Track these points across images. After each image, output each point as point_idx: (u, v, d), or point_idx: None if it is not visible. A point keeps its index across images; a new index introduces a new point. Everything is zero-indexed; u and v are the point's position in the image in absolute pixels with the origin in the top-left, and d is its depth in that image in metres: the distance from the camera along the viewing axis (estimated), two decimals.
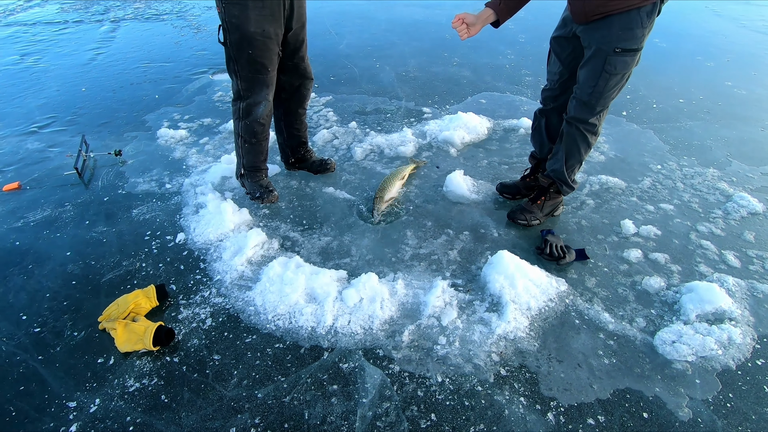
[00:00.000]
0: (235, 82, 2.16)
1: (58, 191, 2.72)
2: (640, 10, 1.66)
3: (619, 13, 1.68)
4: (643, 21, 1.69)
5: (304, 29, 2.22)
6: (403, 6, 7.01)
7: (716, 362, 1.62)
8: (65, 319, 1.88)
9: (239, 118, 2.25)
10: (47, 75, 4.63)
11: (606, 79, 1.82)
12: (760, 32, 5.31)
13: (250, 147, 2.34)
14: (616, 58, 1.77)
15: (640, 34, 1.72)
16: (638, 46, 1.75)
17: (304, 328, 1.78)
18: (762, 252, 2.10)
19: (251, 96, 2.17)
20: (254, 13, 1.95)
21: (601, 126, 2.03)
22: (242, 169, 2.43)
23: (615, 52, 1.76)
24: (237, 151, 2.41)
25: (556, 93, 2.12)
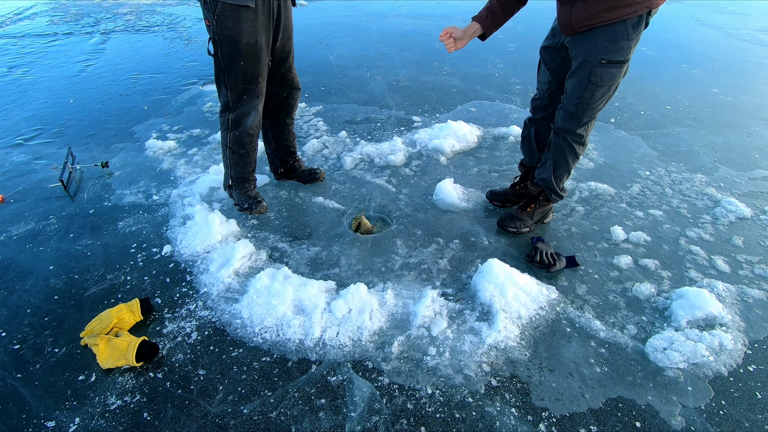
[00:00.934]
0: (225, 94, 2.13)
1: (42, 204, 2.68)
2: (625, 22, 1.67)
3: (604, 25, 1.69)
4: (628, 33, 1.69)
5: (291, 39, 2.22)
6: (393, 17, 7.08)
7: (708, 369, 1.61)
8: (46, 335, 1.83)
9: (228, 129, 2.23)
10: (35, 87, 4.60)
11: (592, 91, 1.83)
12: (744, 41, 5.41)
13: (239, 158, 2.32)
14: (601, 69, 1.77)
15: (626, 46, 1.72)
16: (624, 58, 1.75)
17: (292, 341, 1.74)
18: (751, 257, 2.10)
19: (241, 107, 2.16)
20: (247, 25, 1.94)
21: (589, 136, 2.04)
22: (230, 180, 2.40)
23: (601, 64, 1.76)
24: (225, 162, 2.38)
25: (545, 102, 2.13)
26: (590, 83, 1.81)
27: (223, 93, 2.13)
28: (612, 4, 1.63)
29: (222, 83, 2.10)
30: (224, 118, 2.21)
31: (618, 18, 1.65)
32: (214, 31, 1.94)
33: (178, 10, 8.02)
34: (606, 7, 1.64)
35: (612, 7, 1.64)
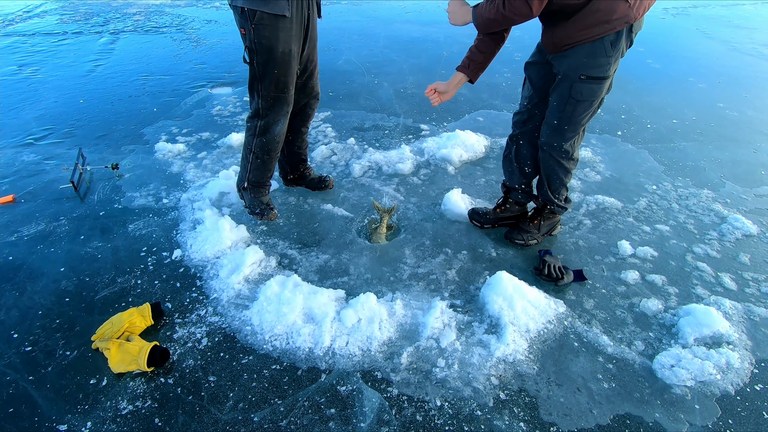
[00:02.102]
0: (256, 101, 2.15)
1: (53, 205, 2.70)
2: (603, 39, 1.70)
3: (584, 42, 1.73)
4: (607, 50, 1.72)
5: (316, 49, 2.27)
6: (401, 23, 7.12)
7: (715, 387, 1.62)
8: (57, 337, 1.85)
9: (255, 135, 2.24)
10: (45, 86, 4.63)
11: (573, 105, 1.86)
12: (750, 55, 5.44)
13: (261, 163, 2.32)
14: (581, 84, 1.80)
15: (604, 63, 1.75)
16: (604, 74, 1.78)
17: (302, 349, 1.76)
18: (757, 275, 2.12)
19: (271, 114, 2.18)
20: (283, 34, 1.98)
21: (577, 152, 2.05)
22: (246, 182, 2.40)
23: (580, 79, 1.79)
24: (243, 164, 2.38)
25: (524, 117, 2.14)
26: (571, 98, 1.84)
27: (254, 100, 2.16)
28: (590, 22, 1.67)
29: (255, 90, 2.13)
30: (252, 124, 2.23)
31: (597, 35, 1.69)
32: (251, 39, 1.97)
33: (187, 12, 8.07)
34: (585, 25, 1.68)
35: (590, 25, 1.68)
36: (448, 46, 5.78)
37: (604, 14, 1.65)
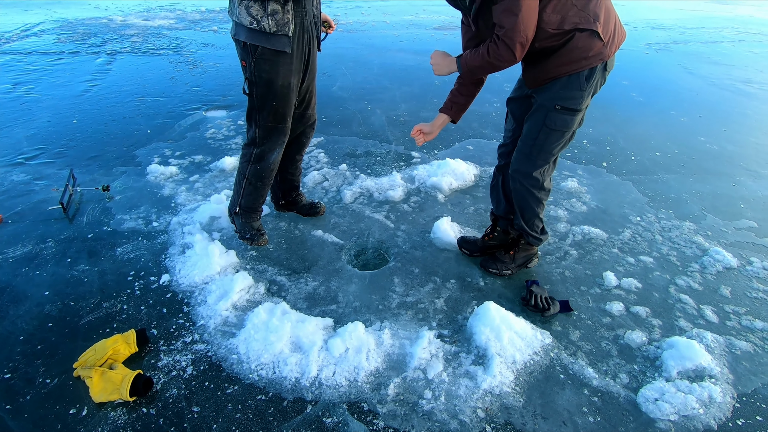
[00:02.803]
0: (253, 130, 2.19)
1: (40, 226, 2.68)
2: (579, 74, 1.80)
3: (562, 76, 1.83)
4: (582, 84, 1.82)
5: (314, 80, 2.33)
6: (395, 51, 7.32)
7: (698, 422, 1.64)
8: (38, 364, 1.81)
9: (249, 162, 2.26)
10: (39, 105, 4.65)
11: (546, 134, 1.93)
12: (729, 90, 5.66)
13: (254, 189, 2.34)
14: (555, 114, 1.89)
15: (579, 96, 1.84)
16: (577, 107, 1.87)
17: (288, 379, 1.74)
18: (738, 308, 2.16)
19: (267, 143, 2.21)
20: (283, 68, 2.03)
21: (548, 182, 2.10)
22: (238, 207, 2.41)
23: (555, 109, 1.88)
24: (236, 189, 2.39)
25: (509, 148, 2.21)
26: (545, 126, 1.92)
27: (252, 129, 2.19)
28: (568, 59, 1.77)
29: (253, 120, 2.16)
30: (248, 151, 2.26)
31: (574, 70, 1.80)
32: (252, 72, 2.02)
33: (185, 35, 8.21)
34: (563, 62, 1.79)
35: (568, 62, 1.78)
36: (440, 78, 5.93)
37: (582, 51, 1.75)
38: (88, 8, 11.19)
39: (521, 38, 1.65)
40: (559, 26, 1.70)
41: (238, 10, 1.92)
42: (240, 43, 1.99)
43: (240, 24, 1.94)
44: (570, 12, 1.69)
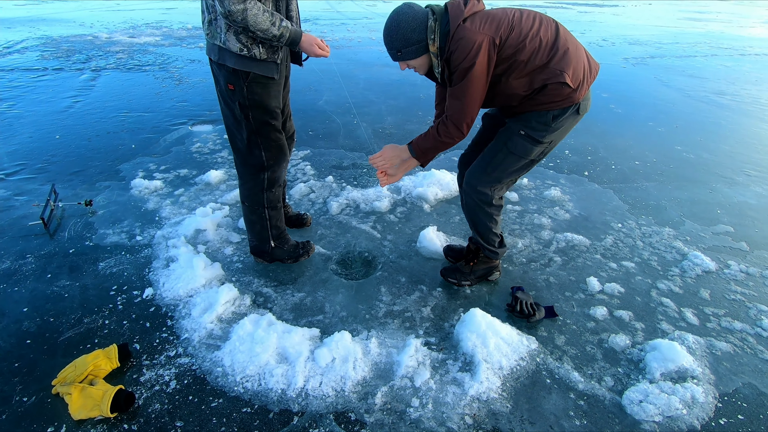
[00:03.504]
0: (258, 155, 2.13)
1: (20, 242, 2.63)
2: (549, 112, 1.88)
3: (533, 111, 1.90)
4: (548, 120, 1.87)
5: (288, 94, 2.33)
6: (380, 66, 7.43)
7: (682, 422, 1.66)
8: (15, 382, 1.76)
9: (264, 189, 2.22)
10: (20, 121, 4.60)
11: (505, 155, 1.98)
12: (703, 102, 5.87)
13: (276, 213, 2.32)
14: (518, 138, 1.94)
15: (543, 129, 1.90)
16: (539, 138, 1.91)
17: (274, 391, 1.72)
18: (717, 309, 2.21)
19: (275, 163, 2.19)
20: (273, 90, 2.04)
21: (498, 200, 2.11)
22: (272, 241, 2.36)
23: (519, 134, 1.94)
24: (261, 225, 2.31)
25: (469, 158, 2.25)
26: (505, 146, 1.97)
27: (255, 155, 2.13)
28: (539, 102, 1.85)
29: (254, 145, 2.10)
30: (259, 179, 2.19)
31: (543, 109, 1.86)
32: (244, 96, 1.97)
33: (171, 51, 8.24)
34: (535, 103, 1.87)
35: (539, 104, 1.86)
36: (426, 88, 6.04)
37: (552, 97, 1.82)
38: (73, 25, 11.19)
39: (467, 119, 1.81)
40: (529, 87, 1.80)
41: (224, 36, 1.86)
42: (226, 68, 1.93)
43: (227, 50, 1.88)
44: (535, 73, 1.77)
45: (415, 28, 1.75)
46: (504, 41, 1.71)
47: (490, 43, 1.69)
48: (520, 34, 1.72)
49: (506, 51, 1.72)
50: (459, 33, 1.69)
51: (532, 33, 1.73)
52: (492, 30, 1.70)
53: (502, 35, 1.70)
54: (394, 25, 1.77)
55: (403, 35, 1.76)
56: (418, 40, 1.76)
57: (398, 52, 1.81)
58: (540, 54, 1.74)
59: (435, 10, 1.77)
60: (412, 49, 1.79)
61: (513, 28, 1.72)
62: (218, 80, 2.04)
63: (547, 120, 1.87)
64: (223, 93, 2.03)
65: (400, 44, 1.78)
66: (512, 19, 1.74)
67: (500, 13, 1.77)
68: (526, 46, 1.72)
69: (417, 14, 1.75)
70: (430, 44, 1.77)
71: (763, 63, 8.65)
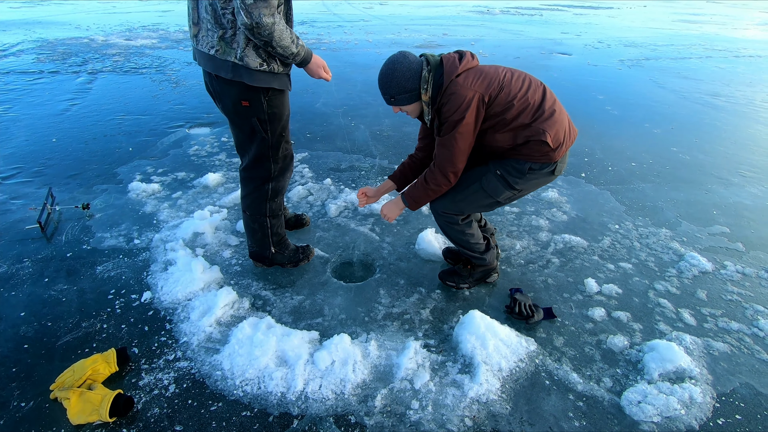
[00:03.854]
0: (268, 168, 2.13)
1: (17, 246, 2.62)
2: (528, 162, 1.94)
3: (513, 158, 1.97)
4: (524, 170, 1.96)
5: None
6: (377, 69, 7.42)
7: (680, 422, 1.66)
8: (12, 387, 1.75)
9: (266, 200, 2.21)
10: (16, 124, 4.58)
11: (476, 189, 2.03)
12: (698, 103, 5.91)
13: (278, 220, 2.32)
14: (493, 177, 2.00)
15: (517, 176, 1.97)
16: (512, 183, 1.98)
17: (274, 394, 1.72)
18: (714, 310, 2.22)
19: (281, 173, 2.19)
20: (287, 100, 2.05)
21: (466, 218, 2.15)
22: (272, 248, 2.36)
23: (496, 173, 1.99)
24: (262, 233, 2.31)
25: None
26: (479, 182, 2.02)
27: (265, 167, 2.12)
28: (519, 153, 1.93)
29: (265, 159, 2.10)
30: (263, 190, 2.18)
31: (525, 158, 1.94)
32: (264, 111, 1.95)
33: (167, 53, 8.23)
34: (516, 153, 1.94)
35: (518, 154, 1.94)
36: None
37: (532, 152, 1.91)
38: (69, 28, 11.16)
39: (453, 169, 1.91)
40: (513, 142, 1.90)
41: (242, 52, 1.79)
42: (238, 84, 1.87)
43: (244, 66, 1.82)
44: (519, 129, 1.87)
45: (409, 78, 1.83)
46: (493, 99, 1.82)
47: (480, 100, 1.80)
48: (509, 94, 1.82)
49: (494, 108, 1.83)
50: (451, 87, 1.80)
51: (520, 94, 1.84)
52: (483, 88, 1.80)
53: (491, 93, 1.81)
54: (389, 72, 1.85)
55: (398, 83, 1.84)
56: (411, 88, 1.85)
57: (391, 98, 1.90)
58: (526, 114, 1.85)
59: (430, 61, 1.86)
60: (405, 96, 1.88)
61: (503, 88, 1.82)
62: (222, 98, 1.97)
63: (524, 169, 1.95)
64: (233, 110, 1.97)
65: (394, 91, 1.87)
66: (502, 80, 1.84)
67: (492, 71, 1.87)
68: (513, 105, 1.83)
69: (412, 64, 1.84)
70: (423, 93, 1.87)
71: (757, 65, 8.72)
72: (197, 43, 1.90)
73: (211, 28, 1.81)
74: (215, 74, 1.89)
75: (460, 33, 11.61)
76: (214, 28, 1.80)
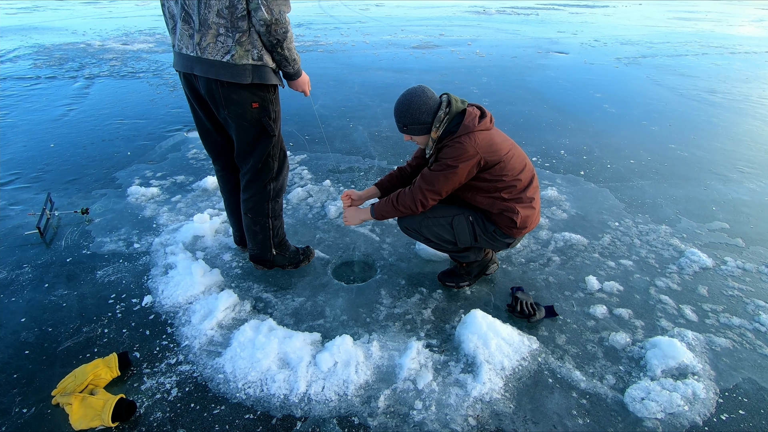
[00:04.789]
0: (271, 167, 2.12)
1: (16, 252, 2.61)
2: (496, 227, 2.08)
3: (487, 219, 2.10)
4: (490, 231, 2.09)
5: None
6: (374, 70, 7.45)
7: (684, 418, 1.66)
8: (14, 393, 1.74)
9: (268, 200, 2.19)
10: (14, 130, 4.57)
11: (444, 223, 2.10)
12: (695, 100, 5.93)
13: (280, 221, 2.32)
14: (464, 220, 2.10)
15: (483, 232, 2.10)
16: (478, 236, 2.11)
17: (276, 396, 1.71)
18: (715, 306, 2.23)
19: (281, 172, 2.19)
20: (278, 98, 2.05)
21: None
22: (273, 249, 2.34)
23: (468, 219, 2.10)
24: (264, 235, 2.27)
25: None
26: (451, 218, 2.10)
27: (269, 166, 2.11)
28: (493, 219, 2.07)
29: (272, 158, 2.10)
30: (266, 191, 2.17)
31: (494, 223, 2.08)
32: (272, 110, 1.97)
33: (164, 57, 8.22)
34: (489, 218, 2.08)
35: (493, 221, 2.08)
36: None
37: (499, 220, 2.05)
38: (65, 33, 11.15)
39: (425, 201, 2.02)
40: (489, 208, 2.06)
41: (258, 51, 1.77)
42: (247, 87, 1.83)
43: (263, 65, 1.81)
44: (498, 201, 2.03)
45: (424, 111, 1.95)
46: (488, 166, 1.95)
47: (477, 161, 1.92)
48: (503, 169, 1.97)
49: (485, 175, 1.98)
50: (461, 138, 1.91)
51: (512, 173, 1.99)
52: (485, 153, 1.92)
53: (489, 161, 1.94)
54: (406, 102, 1.96)
55: (412, 115, 1.95)
56: (424, 122, 1.96)
57: (404, 127, 2.01)
58: (509, 191, 2.01)
59: (451, 106, 1.96)
60: (417, 128, 1.99)
61: (500, 162, 1.96)
62: (229, 105, 1.87)
63: (490, 230, 2.10)
64: (242, 115, 1.91)
65: (407, 121, 1.98)
66: (504, 155, 1.97)
67: (499, 143, 1.98)
68: (503, 180, 1.99)
69: (429, 100, 1.95)
70: (434, 130, 1.98)
71: (752, 61, 8.75)
72: (200, 52, 1.78)
73: (224, 32, 1.73)
74: (226, 81, 1.80)
75: (456, 33, 11.63)
76: (230, 32, 1.73)
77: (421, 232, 2.15)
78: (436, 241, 2.17)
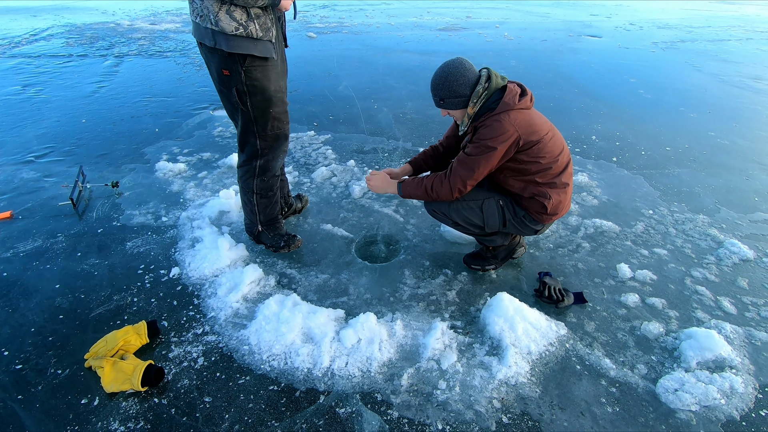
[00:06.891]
0: (253, 143, 2.08)
1: (50, 222, 2.69)
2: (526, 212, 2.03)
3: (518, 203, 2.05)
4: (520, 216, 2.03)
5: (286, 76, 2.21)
6: (400, 52, 7.33)
7: (720, 412, 1.60)
8: (49, 355, 1.80)
9: (254, 176, 2.18)
10: (48, 106, 4.69)
11: (474, 207, 2.04)
12: (738, 87, 5.61)
13: (267, 201, 2.29)
14: (494, 204, 2.03)
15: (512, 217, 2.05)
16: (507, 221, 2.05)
17: (300, 370, 1.72)
18: (756, 299, 2.12)
19: (270, 152, 2.14)
20: (273, 73, 1.96)
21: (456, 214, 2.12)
22: (259, 225, 2.35)
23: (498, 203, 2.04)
24: (250, 209, 2.30)
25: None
26: (481, 202, 2.04)
27: (251, 143, 2.09)
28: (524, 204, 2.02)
29: (250, 133, 2.05)
30: (250, 166, 2.16)
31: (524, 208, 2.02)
32: (242, 82, 1.89)
33: (191, 37, 8.26)
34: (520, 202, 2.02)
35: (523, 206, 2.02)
36: None
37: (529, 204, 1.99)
38: (96, 13, 11.34)
39: (463, 188, 1.95)
40: (521, 192, 1.99)
41: (214, 16, 1.75)
42: (219, 52, 1.82)
43: (219, 32, 1.77)
44: (530, 185, 1.96)
45: (462, 84, 1.86)
46: (525, 147, 1.86)
47: (516, 141, 1.84)
48: (540, 151, 1.88)
49: (521, 156, 1.89)
50: (500, 116, 1.83)
51: (549, 156, 1.90)
52: (524, 132, 1.84)
53: (527, 141, 1.85)
54: (444, 75, 1.88)
55: (449, 87, 1.87)
56: (462, 94, 1.88)
57: (441, 100, 1.92)
58: (544, 175, 1.93)
59: (491, 81, 1.86)
60: (454, 101, 1.90)
61: (539, 143, 1.87)
62: (209, 66, 1.94)
63: (519, 214, 2.03)
64: (218, 79, 1.94)
65: (444, 94, 1.89)
66: (543, 136, 1.88)
67: (539, 123, 1.90)
68: (540, 163, 1.90)
69: (467, 72, 1.87)
70: (471, 106, 1.89)
71: None
72: (194, 16, 1.85)
73: None
74: (199, 42, 1.87)
75: (484, 15, 11.31)
76: None
77: (449, 216, 2.09)
78: (463, 225, 2.10)
